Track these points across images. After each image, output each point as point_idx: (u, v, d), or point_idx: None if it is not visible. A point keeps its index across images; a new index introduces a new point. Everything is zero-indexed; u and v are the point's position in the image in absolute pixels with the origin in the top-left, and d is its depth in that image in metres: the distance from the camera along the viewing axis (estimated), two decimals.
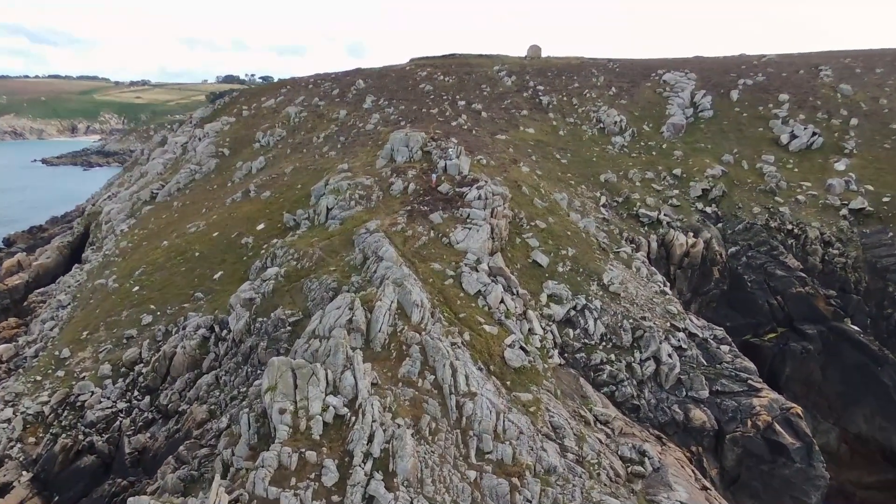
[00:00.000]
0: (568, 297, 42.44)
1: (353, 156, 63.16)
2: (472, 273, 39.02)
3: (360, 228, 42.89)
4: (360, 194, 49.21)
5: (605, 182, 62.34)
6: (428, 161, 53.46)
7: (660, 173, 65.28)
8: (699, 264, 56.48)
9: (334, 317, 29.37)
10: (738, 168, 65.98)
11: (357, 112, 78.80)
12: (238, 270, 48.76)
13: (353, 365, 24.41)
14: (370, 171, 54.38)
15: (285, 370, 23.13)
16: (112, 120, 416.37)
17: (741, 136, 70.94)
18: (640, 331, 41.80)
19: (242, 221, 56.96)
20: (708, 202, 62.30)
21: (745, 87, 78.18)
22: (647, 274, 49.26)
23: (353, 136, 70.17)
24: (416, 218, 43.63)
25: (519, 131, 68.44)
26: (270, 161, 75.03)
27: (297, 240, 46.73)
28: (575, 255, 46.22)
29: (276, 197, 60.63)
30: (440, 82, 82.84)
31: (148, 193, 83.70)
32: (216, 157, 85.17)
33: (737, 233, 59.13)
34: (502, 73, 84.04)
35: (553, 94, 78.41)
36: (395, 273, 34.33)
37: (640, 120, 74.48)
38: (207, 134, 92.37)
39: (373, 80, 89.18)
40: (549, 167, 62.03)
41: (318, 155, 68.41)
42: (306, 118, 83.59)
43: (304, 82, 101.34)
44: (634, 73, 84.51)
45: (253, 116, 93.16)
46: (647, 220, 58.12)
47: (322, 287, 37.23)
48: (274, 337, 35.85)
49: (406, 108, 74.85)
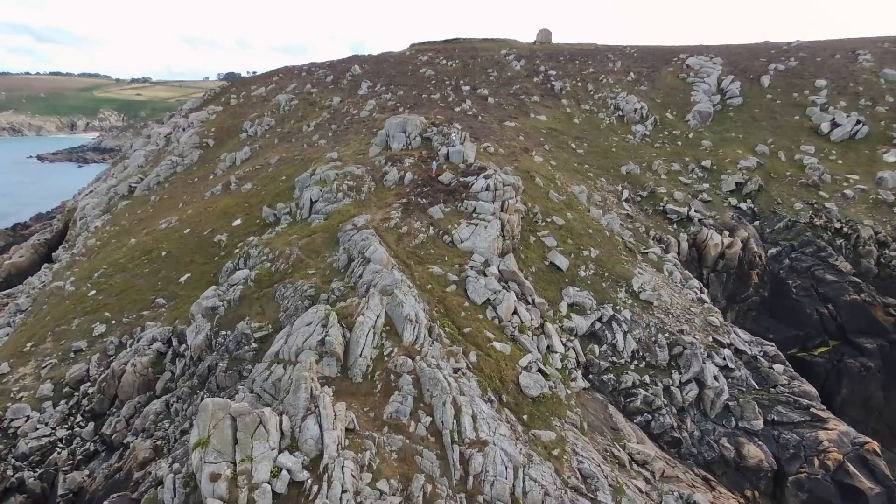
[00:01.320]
0: (592, 307, 35.75)
1: (345, 144, 56.56)
2: (478, 278, 32.38)
3: (347, 224, 36.30)
4: (349, 185, 42.60)
5: (626, 174, 55.60)
6: (428, 148, 46.84)
7: (687, 165, 58.48)
8: (736, 267, 49.69)
9: (303, 336, 22.76)
10: (774, 159, 59.12)
11: (351, 99, 72.17)
12: (208, 272, 42.21)
13: (318, 408, 17.81)
14: (362, 160, 47.78)
15: (222, 417, 16.54)
16: (112, 117, 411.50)
17: (775, 124, 64.07)
18: (678, 347, 35.09)
19: (218, 217, 50.42)
20: (742, 197, 55.48)
21: (777, 73, 71.29)
22: (682, 279, 42.52)
23: (345, 124, 63.57)
24: (413, 212, 36.99)
25: (529, 118, 61.73)
26: (256, 151, 68.48)
27: (273, 237, 40.17)
28: (598, 257, 39.51)
29: (258, 189, 54.07)
30: (443, 67, 76.11)
31: (125, 187, 77.22)
32: (200, 149, 78.63)
33: (777, 232, 52.30)
34: (510, 56, 77.26)
35: (566, 79, 71.63)
36: (384, 279, 27.69)
37: (662, 107, 67.65)
38: (192, 124, 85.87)
39: (370, 65, 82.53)
40: (565, 157, 55.30)
41: (307, 144, 61.83)
42: (297, 106, 77.01)
43: (298, 70, 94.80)
44: (654, 58, 77.65)
45: (241, 106, 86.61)
46: (676, 217, 51.35)
47: (297, 295, 30.62)
48: (236, 356, 29.25)
49: (405, 93, 68.22)
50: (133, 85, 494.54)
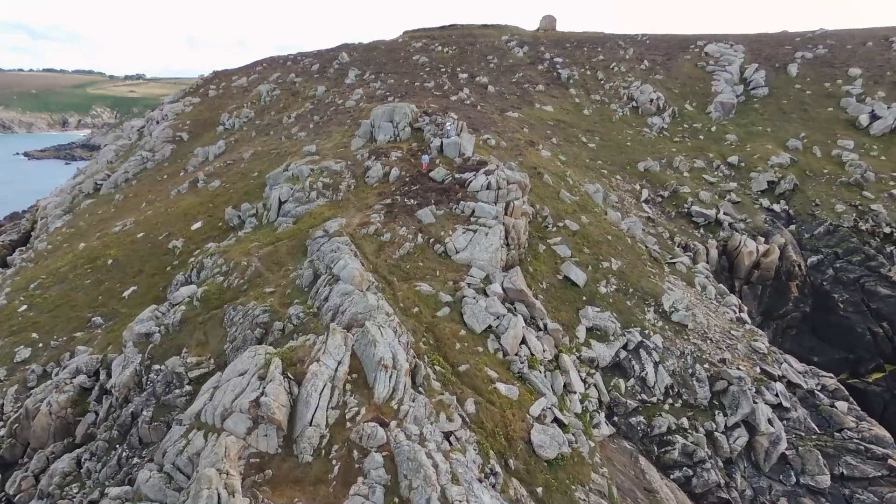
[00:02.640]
0: (616, 331, 29.32)
1: (326, 136, 50.03)
2: (478, 299, 25.91)
3: (317, 230, 29.79)
4: (325, 183, 36.07)
5: (644, 171, 49.17)
6: (418, 140, 40.36)
7: (711, 161, 52.08)
8: (772, 278, 43.33)
9: (234, 390, 16.30)
10: (808, 155, 52.77)
11: (337, 88, 65.60)
12: (156, 285, 35.69)
13: None
14: (342, 154, 41.27)
15: None
16: (104, 114, 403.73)
17: (806, 116, 57.73)
18: (721, 381, 28.69)
19: (177, 219, 43.86)
20: (775, 198, 49.12)
21: (806, 61, 64.94)
22: (717, 294, 36.11)
23: (329, 115, 57.04)
24: (399, 215, 30.48)
25: (534, 109, 55.27)
26: (231, 145, 61.89)
27: (232, 245, 33.62)
28: (621, 269, 33.07)
29: (226, 187, 47.52)
30: (438, 54, 69.57)
31: (91, 185, 70.51)
32: (172, 143, 71.96)
33: (817, 237, 45.94)
34: (512, 43, 70.76)
35: (573, 67, 65.17)
36: (354, 304, 21.19)
37: (680, 98, 61.26)
38: (166, 116, 79.17)
39: (359, 53, 75.94)
40: (575, 152, 48.85)
41: (286, 137, 55.29)
42: (279, 97, 70.41)
43: (283, 59, 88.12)
44: (669, 45, 71.24)
45: (220, 97, 79.95)
46: (703, 221, 44.94)
47: (247, 321, 24.09)
48: (165, 402, 22.72)
49: (395, 81, 61.69)
50: (127, 82, 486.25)
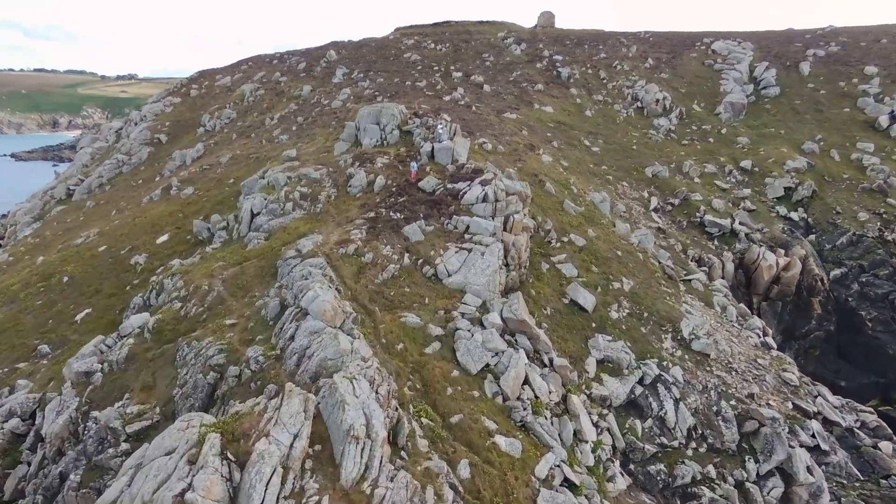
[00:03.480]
0: (630, 364, 25.72)
1: (309, 139, 46.31)
2: (473, 332, 22.25)
3: (290, 249, 26.06)
4: (303, 192, 32.33)
5: (653, 177, 45.65)
6: (407, 144, 36.69)
7: (723, 166, 48.60)
8: (793, 294, 39.87)
9: (156, 476, 12.55)
10: (826, 159, 49.38)
11: (323, 88, 61.82)
12: (112, 308, 31.85)
13: None
14: (324, 159, 37.57)
15: None
16: (95, 114, 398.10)
17: (822, 117, 54.38)
18: (751, 422, 25.13)
19: (144, 230, 40.02)
20: (793, 205, 45.70)
21: (818, 59, 61.63)
22: (738, 316, 32.57)
23: (313, 116, 53.27)
24: (383, 232, 26.77)
25: (533, 110, 51.65)
26: (210, 148, 58.03)
27: (196, 264, 29.85)
28: (633, 290, 29.47)
29: (199, 195, 43.71)
30: (430, 51, 65.87)
31: (63, 190, 66.48)
32: (150, 146, 67.98)
33: (839, 248, 42.54)
34: (509, 40, 67.10)
35: (574, 65, 61.61)
36: (324, 347, 17.49)
37: (687, 98, 57.79)
38: (144, 117, 75.16)
39: (347, 51, 72.13)
40: (578, 156, 45.26)
41: (267, 140, 51.49)
42: (262, 97, 66.55)
43: (269, 58, 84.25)
44: (673, 43, 67.81)
45: (202, 97, 75.98)
46: (717, 232, 41.44)
47: (199, 362, 20.34)
48: (97, 462, 18.94)
49: (385, 80, 57.97)
50: (119, 82, 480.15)
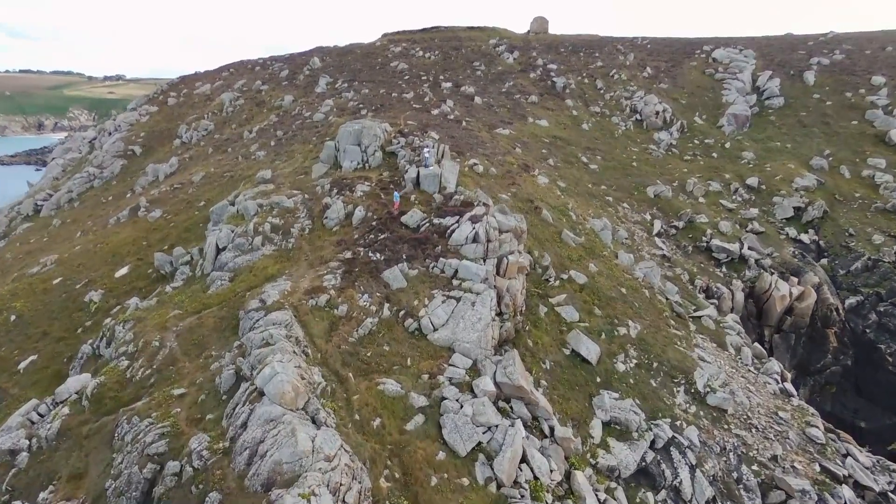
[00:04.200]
0: (640, 426, 22.77)
1: (287, 157, 43.09)
2: (462, 402, 19.21)
3: (254, 297, 22.87)
4: (274, 224, 29.14)
5: (655, 197, 42.81)
6: (391, 167, 33.58)
7: (729, 184, 45.88)
8: (807, 326, 37.16)
9: None
10: (836, 176, 46.79)
11: (306, 98, 58.56)
12: (60, 355, 28.53)
13: None
14: (301, 183, 34.40)
15: None
16: (82, 116, 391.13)
17: (829, 130, 51.81)
18: (777, 492, 22.29)
19: (104, 259, 36.67)
20: (803, 227, 43.05)
21: (822, 68, 59.12)
22: (753, 358, 29.74)
23: (293, 130, 50.02)
24: (360, 277, 23.65)
25: (527, 124, 48.67)
26: (184, 163, 54.64)
27: (152, 308, 26.58)
28: (641, 336, 26.54)
29: (166, 220, 40.38)
30: (418, 59, 62.71)
31: (31, 206, 62.74)
32: (123, 158, 64.42)
33: (854, 274, 39.88)
34: (501, 48, 64.10)
35: (570, 74, 58.71)
36: (279, 447, 14.37)
37: (688, 110, 55.07)
38: (119, 127, 71.52)
39: (332, 58, 68.82)
40: (575, 176, 42.34)
41: (243, 156, 48.18)
42: (242, 107, 63.18)
43: (252, 64, 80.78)
44: (672, 50, 65.12)
45: (180, 105, 72.44)
46: (725, 258, 38.65)
47: (136, 450, 17.13)
48: None
49: (371, 91, 54.79)
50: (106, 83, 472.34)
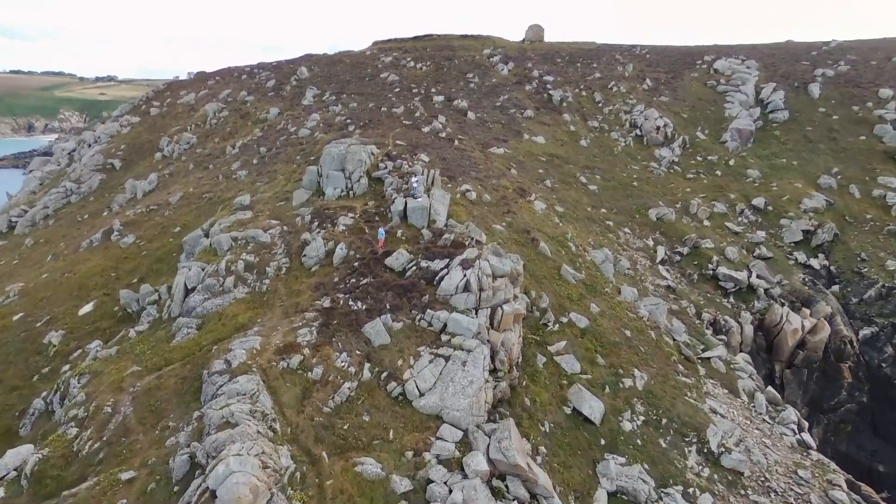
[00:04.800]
0: (649, 496, 20.54)
1: (269, 178, 40.69)
2: (451, 486, 16.89)
3: (219, 358, 20.46)
4: (248, 262, 26.75)
5: (658, 221, 40.62)
6: (377, 196, 31.23)
7: (734, 205, 43.77)
8: (820, 360, 35.05)
9: None
10: (845, 196, 44.77)
11: (291, 111, 56.11)
12: (12, 409, 26.00)
13: None
14: (280, 212, 32.02)
15: None
16: (73, 118, 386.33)
17: (837, 146, 49.81)
18: None
19: (69, 293, 34.14)
20: (812, 251, 40.97)
21: (827, 80, 57.16)
22: (767, 406, 27.56)
23: (277, 147, 47.59)
24: (339, 331, 21.28)
25: (523, 141, 46.42)
26: (164, 180, 52.09)
27: (111, 359, 24.12)
28: (649, 388, 24.30)
29: (139, 246, 37.89)
30: (410, 70, 60.34)
31: (5, 222, 59.94)
32: (102, 172, 61.73)
33: (867, 302, 37.81)
34: (495, 58, 61.83)
35: (567, 86, 56.51)
36: None
37: (690, 124, 52.97)
38: (98, 139, 68.83)
39: (320, 68, 66.36)
40: (574, 198, 40.11)
41: (224, 175, 45.72)
42: (226, 119, 60.67)
43: (239, 72, 78.18)
44: (672, 60, 63.04)
45: (163, 116, 69.76)
46: (733, 287, 36.50)
47: None
48: None
49: (359, 105, 52.40)
50: (97, 84, 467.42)
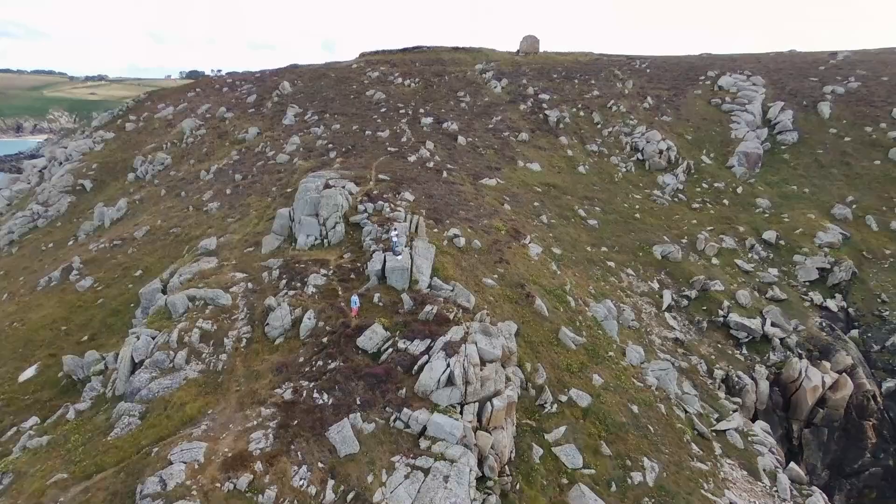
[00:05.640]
0: None
1: (242, 213, 37.38)
2: None
3: (153, 475, 17.15)
4: (205, 331, 23.48)
5: (663, 259, 37.54)
6: (354, 245, 27.99)
7: (743, 239, 40.75)
8: (841, 418, 32.08)
9: None
10: (862, 229, 41.83)
11: (271, 131, 52.70)
12: None
13: None
14: (247, 262, 28.75)
15: None
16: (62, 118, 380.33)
17: (851, 172, 46.88)
18: None
19: (13, 348, 30.75)
20: (829, 291, 37.99)
21: (838, 98, 54.23)
22: (790, 489, 24.51)
23: (254, 174, 44.27)
24: (299, 436, 18.02)
25: (517, 169, 43.23)
26: (133, 207, 48.65)
27: (41, 452, 20.78)
28: (660, 483, 21.18)
29: (97, 291, 34.54)
30: (397, 88, 56.94)
31: None
32: (71, 194, 58.21)
33: (890, 350, 34.89)
34: (488, 73, 58.51)
35: (563, 106, 53.32)
36: None
37: (695, 147, 49.94)
38: (70, 156, 65.22)
39: (304, 81, 62.88)
40: (572, 236, 36.95)
41: (194, 206, 42.35)
42: (203, 137, 57.22)
43: (220, 83, 74.76)
44: (674, 75, 59.96)
45: (139, 132, 66.24)
46: (746, 337, 33.46)
47: None
48: None
49: (342, 127, 49.04)
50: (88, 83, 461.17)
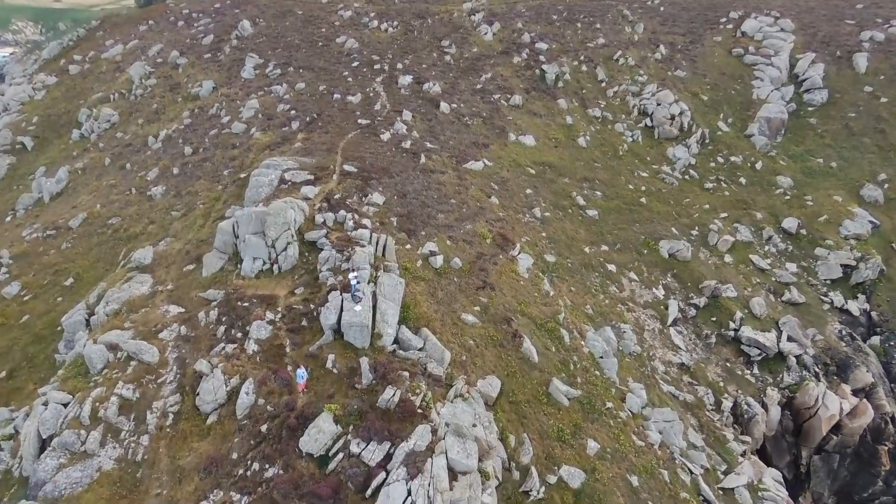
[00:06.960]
0: None
1: (188, 207, 32.26)
2: None
3: None
4: (125, 400, 19.47)
5: (669, 258, 33.15)
6: (309, 273, 23.37)
7: (760, 228, 36.20)
8: (856, 444, 29.33)
9: None
10: (894, 214, 37.30)
11: (228, 87, 45.87)
12: None
13: None
14: (184, 289, 24.32)
15: None
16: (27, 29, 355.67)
17: (885, 142, 41.58)
18: None
19: None
20: (851, 290, 34.13)
21: (876, 47, 47.57)
22: None
23: (206, 146, 38.52)
24: None
25: (508, 145, 37.58)
26: (74, 178, 43.00)
27: None
28: None
29: (21, 304, 30.08)
30: (372, 33, 49.23)
31: None
32: (11, 154, 51.86)
33: None
34: (477, 15, 50.63)
35: (563, 57, 46.41)
36: None
37: (711, 110, 44.03)
38: (8, 107, 57.96)
39: (266, 20, 54.58)
40: (568, 234, 32.26)
41: (137, 188, 36.89)
42: (153, 89, 50.27)
43: (176, 15, 65.62)
44: (692, 15, 52.47)
45: (84, 76, 58.60)
46: (758, 355, 29.90)
47: None
48: None
49: (308, 87, 42.32)
50: None
